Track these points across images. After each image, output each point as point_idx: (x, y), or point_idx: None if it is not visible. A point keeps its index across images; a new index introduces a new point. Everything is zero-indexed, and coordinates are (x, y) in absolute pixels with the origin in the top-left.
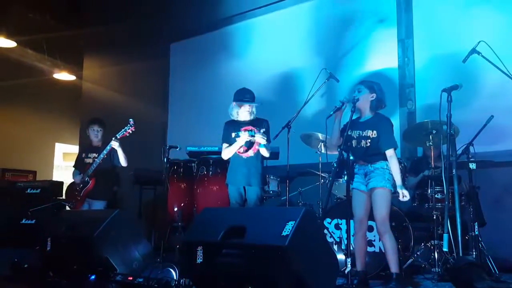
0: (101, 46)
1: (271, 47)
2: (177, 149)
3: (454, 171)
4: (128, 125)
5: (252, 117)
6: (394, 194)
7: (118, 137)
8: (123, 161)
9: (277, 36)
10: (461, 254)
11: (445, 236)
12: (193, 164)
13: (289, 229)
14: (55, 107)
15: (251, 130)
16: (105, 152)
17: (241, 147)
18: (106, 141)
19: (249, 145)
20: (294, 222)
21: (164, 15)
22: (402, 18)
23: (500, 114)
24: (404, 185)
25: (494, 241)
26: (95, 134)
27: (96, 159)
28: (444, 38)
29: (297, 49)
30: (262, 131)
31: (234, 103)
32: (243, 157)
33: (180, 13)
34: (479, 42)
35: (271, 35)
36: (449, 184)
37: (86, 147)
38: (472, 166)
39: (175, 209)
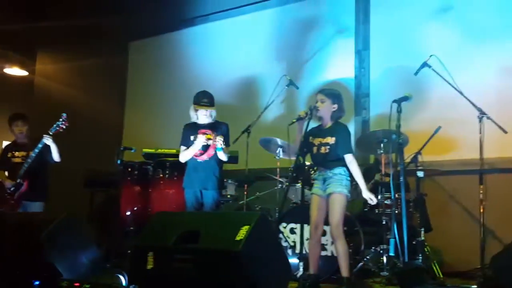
0: (56, 41)
1: (232, 51)
2: (132, 151)
3: (401, 178)
4: (61, 119)
5: (211, 121)
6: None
7: (51, 133)
8: (56, 157)
9: (239, 40)
10: (407, 259)
11: (392, 241)
12: (148, 167)
13: (243, 234)
14: (5, 104)
15: (207, 133)
16: (37, 150)
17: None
18: (33, 137)
19: (205, 148)
20: (248, 227)
21: (123, 12)
22: (360, 30)
23: (448, 126)
24: (346, 189)
25: (440, 246)
26: (20, 131)
27: (27, 159)
28: (398, 51)
29: (259, 55)
30: (218, 136)
31: (193, 106)
32: (199, 160)
33: (140, 11)
34: (430, 56)
35: (233, 39)
36: (398, 191)
37: (10, 146)
38: (420, 174)
39: (128, 213)
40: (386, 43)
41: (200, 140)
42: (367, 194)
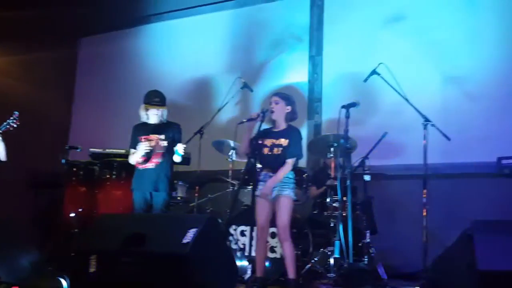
0: (1, 33)
1: (187, 51)
2: (78, 150)
3: (348, 182)
4: (12, 117)
5: (161, 121)
6: (296, 202)
7: (1, 131)
8: (3, 156)
9: (194, 40)
10: (352, 260)
11: (337, 243)
12: (95, 167)
13: (190, 236)
14: None
15: (150, 139)
16: None
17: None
18: None
19: (148, 156)
20: (196, 229)
21: (74, 6)
22: (314, 36)
23: (394, 132)
24: (292, 192)
25: (385, 248)
26: None
27: None
28: (350, 57)
29: (214, 56)
30: (167, 141)
31: (143, 105)
32: (140, 168)
33: (92, 6)
34: (379, 64)
35: (187, 39)
36: (345, 194)
37: None
38: (367, 178)
39: (72, 214)
40: (339, 50)
41: (141, 148)
42: (265, 190)
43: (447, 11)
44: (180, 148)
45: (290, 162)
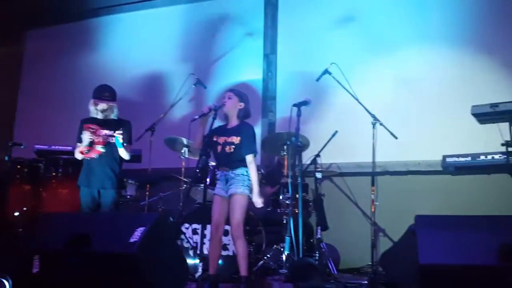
0: None
1: (138, 45)
2: (22, 147)
3: (299, 179)
4: None
5: (112, 117)
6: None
7: None
8: None
9: (146, 35)
10: (301, 256)
11: (287, 239)
12: (40, 164)
13: (138, 235)
14: None
15: (92, 128)
16: None
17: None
18: None
19: (90, 145)
20: (144, 228)
21: None
22: (268, 34)
23: (346, 130)
24: (260, 192)
25: (335, 244)
26: None
27: None
28: (304, 56)
29: (167, 51)
30: (118, 132)
31: (92, 100)
32: (88, 158)
33: None
34: (331, 64)
35: (140, 33)
36: (297, 192)
37: None
38: (318, 175)
39: (16, 213)
40: (293, 48)
41: (85, 137)
42: (256, 198)
43: (396, 11)
44: (119, 135)
45: (250, 158)
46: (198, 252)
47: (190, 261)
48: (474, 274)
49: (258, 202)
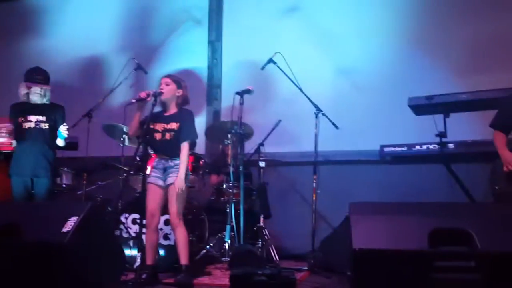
0: None
1: (76, 27)
2: None
3: (241, 168)
4: None
5: (44, 101)
6: (191, 188)
7: None
8: None
9: (86, 17)
10: (242, 243)
11: (228, 227)
12: None
13: (70, 225)
14: None
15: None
16: None
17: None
18: None
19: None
20: (77, 217)
21: None
22: (213, 20)
23: (290, 120)
24: (186, 179)
25: (278, 231)
26: None
27: None
28: (249, 44)
29: (107, 34)
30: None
31: (23, 83)
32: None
33: None
34: (276, 53)
35: (79, 15)
36: (244, 180)
37: None
38: (262, 164)
39: None
40: (238, 36)
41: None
42: (178, 181)
43: (339, 3)
44: (63, 130)
45: (186, 145)
46: (137, 242)
47: (127, 251)
48: (405, 258)
49: (180, 186)
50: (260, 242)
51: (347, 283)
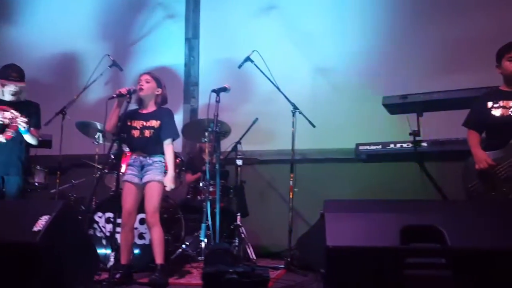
0: None
1: (49, 23)
2: None
3: (217, 166)
4: None
5: (19, 99)
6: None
7: None
8: None
9: (60, 11)
10: (218, 242)
11: (203, 225)
12: None
13: (42, 224)
14: None
15: (5, 110)
16: None
17: None
18: None
19: (1, 128)
20: (49, 216)
21: None
22: (190, 17)
23: (267, 118)
24: (174, 178)
25: (256, 230)
26: None
27: None
28: (227, 42)
29: (83, 30)
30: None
31: None
32: None
33: None
34: (253, 51)
35: (54, 10)
36: (220, 178)
37: None
38: (239, 162)
39: None
40: (216, 34)
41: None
42: (167, 182)
43: (316, 3)
44: (21, 123)
45: (170, 145)
46: (111, 241)
47: (101, 250)
48: (378, 255)
49: (168, 185)
50: (237, 241)
51: (322, 280)
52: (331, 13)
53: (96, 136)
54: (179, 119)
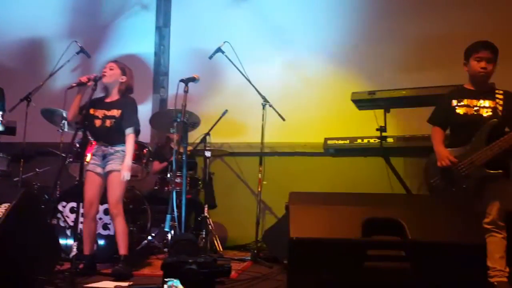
0: None
1: (18, 6)
2: None
3: (184, 157)
4: None
5: None
6: (134, 177)
7: None
8: None
9: None
10: (183, 232)
11: (168, 216)
12: None
13: (1, 212)
14: None
15: None
16: None
17: None
18: None
19: None
20: (9, 204)
21: None
22: (162, 5)
23: (237, 110)
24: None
25: (223, 222)
26: None
27: None
28: (198, 32)
29: (50, 15)
30: None
31: None
32: None
33: None
34: (224, 42)
35: None
36: (189, 169)
37: None
38: (208, 154)
39: None
40: (187, 23)
41: None
42: (123, 170)
43: None
44: None
45: (131, 134)
46: (74, 231)
47: (64, 241)
48: (339, 247)
49: (125, 175)
50: (204, 232)
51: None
52: (303, 7)
53: (61, 124)
54: (148, 109)
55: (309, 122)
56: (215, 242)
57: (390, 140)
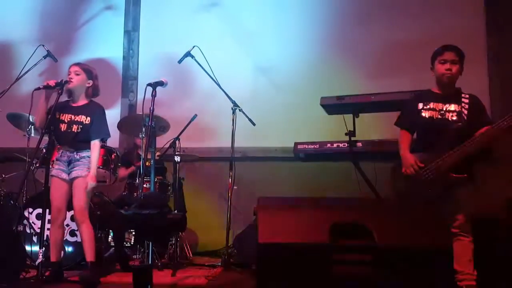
0: None
1: None
2: None
3: (152, 162)
4: None
5: None
6: (101, 182)
7: None
8: None
9: None
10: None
11: None
12: None
13: None
14: None
15: None
16: None
17: None
18: None
19: None
20: None
21: None
22: (130, 9)
23: (208, 115)
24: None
25: (193, 227)
26: None
27: None
28: (167, 36)
29: (18, 18)
30: None
31: None
32: None
33: None
34: (193, 47)
35: None
36: (157, 175)
37: None
38: (177, 159)
39: None
40: (156, 27)
41: None
42: (88, 178)
43: (257, 2)
44: None
45: (97, 143)
46: (40, 238)
47: (32, 248)
48: (306, 251)
49: (91, 183)
50: (173, 238)
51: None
52: (272, 13)
53: (28, 129)
54: (116, 113)
55: (280, 126)
56: (185, 248)
57: (359, 144)
